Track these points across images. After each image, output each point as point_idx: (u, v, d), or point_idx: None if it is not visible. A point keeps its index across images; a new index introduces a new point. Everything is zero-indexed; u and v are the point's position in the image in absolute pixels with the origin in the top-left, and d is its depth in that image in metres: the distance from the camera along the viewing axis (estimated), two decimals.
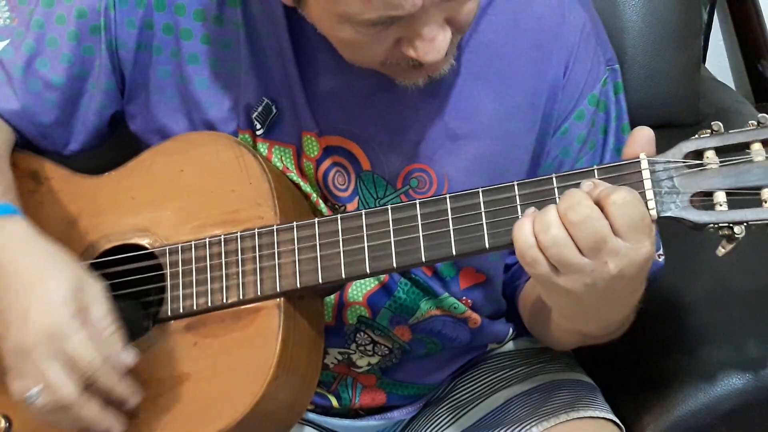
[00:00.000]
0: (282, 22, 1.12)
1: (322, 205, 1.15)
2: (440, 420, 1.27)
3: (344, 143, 1.14)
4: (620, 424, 1.22)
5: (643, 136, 0.95)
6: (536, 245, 0.92)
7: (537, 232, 0.92)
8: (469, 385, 1.29)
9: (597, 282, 0.93)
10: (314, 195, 1.15)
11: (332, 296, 1.17)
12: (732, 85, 2.05)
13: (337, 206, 1.15)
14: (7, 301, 1.02)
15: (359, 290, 1.18)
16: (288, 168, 1.16)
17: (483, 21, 1.13)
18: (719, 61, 2.09)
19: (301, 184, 1.16)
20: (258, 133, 1.15)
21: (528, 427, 1.18)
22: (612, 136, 1.19)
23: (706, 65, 1.96)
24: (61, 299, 1.01)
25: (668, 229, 0.97)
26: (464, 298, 1.22)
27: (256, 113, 1.15)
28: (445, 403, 1.29)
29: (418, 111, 1.13)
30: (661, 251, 1.20)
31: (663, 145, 0.98)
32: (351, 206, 1.15)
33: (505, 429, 1.20)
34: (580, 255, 0.92)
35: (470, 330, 1.24)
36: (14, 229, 1.06)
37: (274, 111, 1.14)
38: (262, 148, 1.15)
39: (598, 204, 0.91)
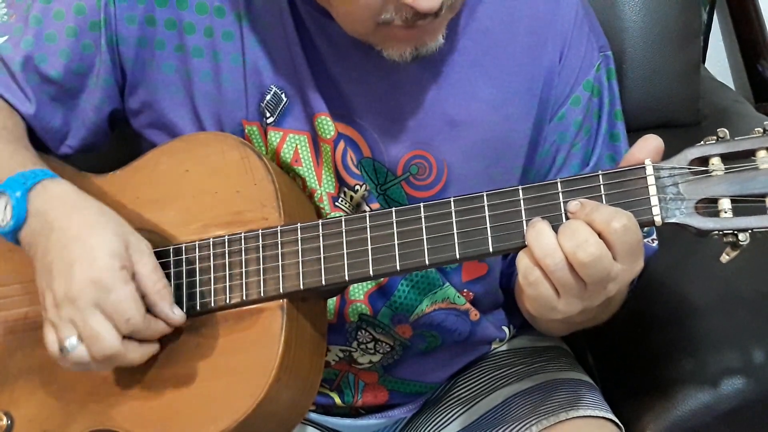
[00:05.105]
0: (286, 9, 1.12)
1: (325, 202, 1.15)
2: (441, 417, 1.28)
3: (345, 130, 1.15)
4: (620, 423, 1.23)
5: (650, 145, 0.95)
6: (541, 271, 0.93)
7: (540, 258, 0.93)
8: (469, 383, 1.30)
9: (594, 302, 0.95)
10: (318, 191, 1.16)
11: None
12: (731, 86, 2.06)
13: (357, 186, 1.15)
14: (53, 255, 1.02)
15: (360, 288, 1.19)
16: (300, 157, 1.15)
17: (479, 8, 1.14)
18: (719, 62, 2.10)
19: (308, 177, 1.16)
20: (269, 121, 1.15)
21: (528, 425, 1.19)
22: (605, 122, 1.20)
23: (706, 65, 1.97)
24: (108, 252, 1.01)
25: (672, 232, 0.97)
26: (465, 290, 1.23)
27: (264, 102, 1.15)
28: (446, 400, 1.30)
29: (416, 98, 1.13)
30: (654, 236, 1.21)
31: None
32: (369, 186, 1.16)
33: (505, 427, 1.21)
34: (584, 286, 0.93)
35: (471, 322, 1.25)
36: (59, 189, 1.06)
37: (284, 99, 1.14)
38: (275, 137, 1.15)
39: (597, 231, 0.92)
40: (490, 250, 0.98)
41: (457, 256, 0.99)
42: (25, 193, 1.04)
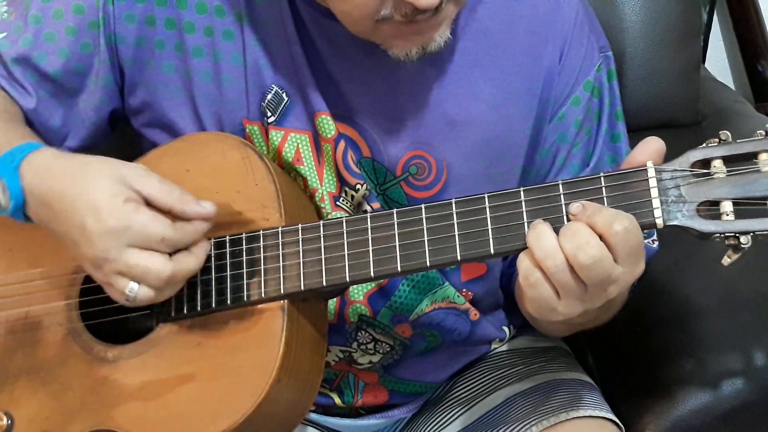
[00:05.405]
0: (287, 10, 1.12)
1: (327, 202, 1.15)
2: (441, 418, 1.28)
3: (345, 130, 1.15)
4: (620, 423, 1.23)
5: (652, 147, 0.95)
6: (542, 273, 0.93)
7: (540, 259, 0.93)
8: (469, 383, 1.30)
9: (594, 304, 0.96)
10: (320, 191, 1.16)
11: None
12: (731, 86, 2.06)
13: (359, 185, 1.15)
14: (64, 226, 1.02)
15: (360, 289, 1.19)
16: (301, 156, 1.15)
17: (479, 8, 1.14)
18: (719, 61, 2.10)
19: (309, 177, 1.16)
20: (270, 121, 1.15)
21: (528, 425, 1.19)
22: (605, 122, 1.20)
23: (706, 65, 1.97)
24: (106, 197, 0.99)
25: (673, 233, 0.98)
26: (464, 290, 1.23)
27: (265, 101, 1.15)
28: (446, 401, 1.30)
29: (416, 98, 1.13)
30: (654, 236, 1.22)
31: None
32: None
33: (505, 428, 1.21)
34: (585, 288, 0.93)
35: (470, 322, 1.25)
36: (42, 160, 1.05)
37: (285, 98, 1.14)
38: (276, 136, 1.15)
39: (598, 233, 0.92)
40: (492, 251, 0.98)
41: (459, 258, 0.99)
42: (14, 171, 1.03)
